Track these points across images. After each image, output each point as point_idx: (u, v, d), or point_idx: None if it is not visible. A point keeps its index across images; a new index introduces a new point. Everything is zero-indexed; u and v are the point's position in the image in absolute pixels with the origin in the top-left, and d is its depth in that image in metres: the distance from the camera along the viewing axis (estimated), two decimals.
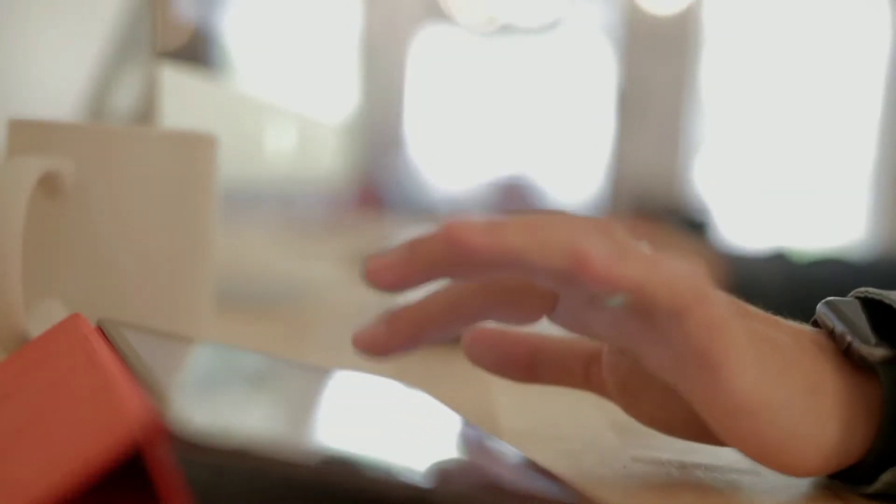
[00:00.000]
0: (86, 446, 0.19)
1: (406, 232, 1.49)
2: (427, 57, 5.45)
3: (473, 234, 0.27)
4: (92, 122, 0.59)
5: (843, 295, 0.34)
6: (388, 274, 0.31)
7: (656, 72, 4.89)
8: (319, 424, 0.26)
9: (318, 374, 0.34)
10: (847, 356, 0.32)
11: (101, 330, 0.32)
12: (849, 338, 0.31)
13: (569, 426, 0.40)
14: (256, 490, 0.20)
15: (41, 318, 0.36)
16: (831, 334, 0.32)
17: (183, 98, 0.52)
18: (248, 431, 0.21)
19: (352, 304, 0.70)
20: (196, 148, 0.40)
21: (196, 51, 0.55)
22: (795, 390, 0.30)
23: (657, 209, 3.60)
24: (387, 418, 0.30)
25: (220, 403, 0.25)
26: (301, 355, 0.51)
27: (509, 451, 0.30)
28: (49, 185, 0.37)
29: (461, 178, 5.43)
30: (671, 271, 0.28)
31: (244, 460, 0.20)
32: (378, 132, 5.24)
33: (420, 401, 0.35)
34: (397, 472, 0.22)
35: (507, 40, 5.41)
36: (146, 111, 0.63)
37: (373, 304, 0.69)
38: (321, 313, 0.64)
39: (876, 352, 0.31)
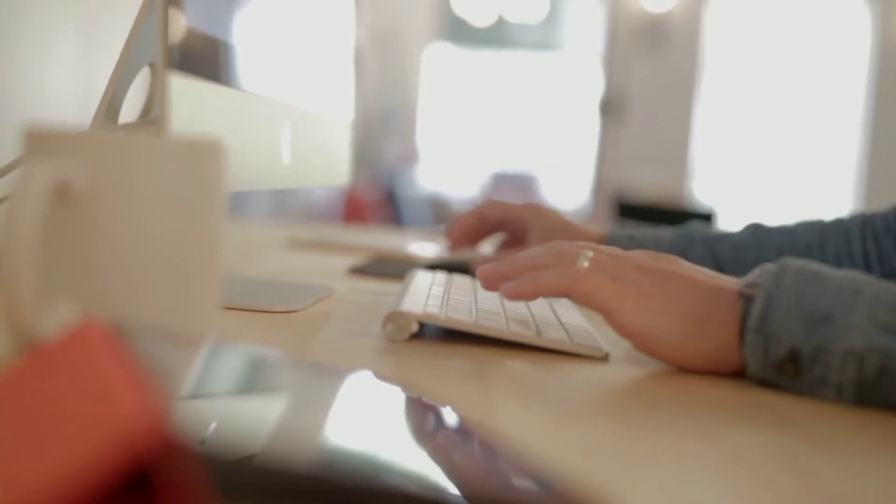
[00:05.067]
0: (86, 452, 0.20)
1: (411, 237, 1.49)
2: (436, 63, 5.44)
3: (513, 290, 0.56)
4: (104, 129, 0.60)
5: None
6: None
7: (653, 69, 4.88)
8: (321, 428, 0.26)
9: (322, 375, 0.35)
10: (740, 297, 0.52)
11: (113, 331, 0.33)
12: (742, 282, 0.53)
13: (568, 423, 0.41)
14: (258, 495, 0.21)
15: (55, 319, 0.37)
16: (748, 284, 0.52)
17: (192, 104, 0.53)
18: (249, 437, 0.22)
19: (354, 305, 0.70)
20: (204, 154, 0.41)
21: (205, 57, 0.56)
22: (672, 321, 0.53)
23: (660, 205, 3.59)
24: (386, 420, 0.31)
25: (224, 407, 0.25)
26: (303, 356, 0.52)
27: (507, 450, 0.30)
28: (63, 190, 0.38)
29: (465, 177, 5.43)
30: (563, 272, 0.55)
31: (245, 467, 0.20)
32: (387, 136, 5.23)
33: (420, 402, 0.36)
34: (397, 478, 0.22)
35: (508, 47, 5.41)
36: (156, 118, 0.64)
37: (373, 307, 0.70)
38: (324, 314, 0.65)
39: (742, 289, 0.52)
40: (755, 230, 0.82)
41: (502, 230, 0.89)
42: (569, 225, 0.85)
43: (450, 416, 0.34)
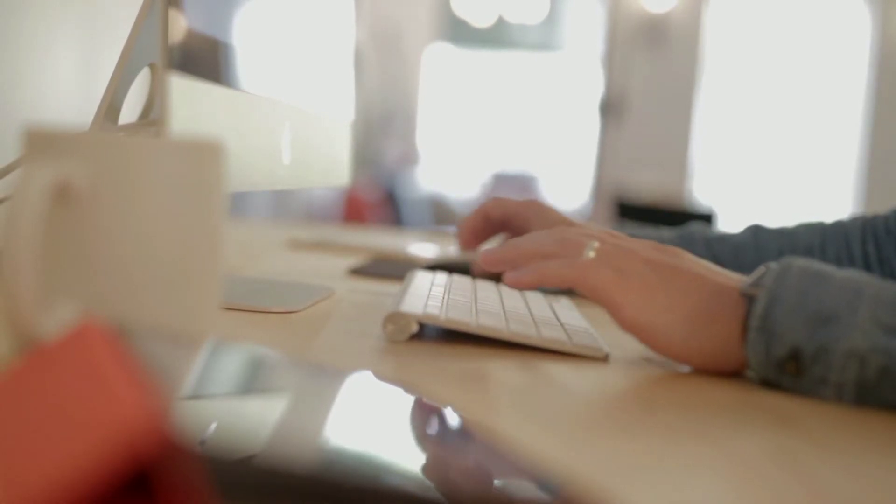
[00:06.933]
0: (86, 452, 0.20)
1: (411, 238, 1.49)
2: (436, 63, 5.44)
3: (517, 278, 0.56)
4: (104, 130, 0.60)
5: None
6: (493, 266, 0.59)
7: (653, 69, 4.88)
8: (321, 428, 0.26)
9: (322, 375, 0.35)
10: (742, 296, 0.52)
11: (113, 331, 0.33)
12: (745, 281, 0.53)
13: (567, 424, 0.41)
14: (258, 495, 0.21)
15: (55, 319, 0.37)
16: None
17: (192, 105, 0.53)
18: (249, 437, 0.22)
19: (354, 306, 0.70)
20: (204, 154, 0.41)
21: (205, 57, 0.56)
22: (676, 318, 0.53)
23: (660, 205, 3.59)
24: (386, 421, 0.31)
25: (224, 407, 0.25)
26: (303, 356, 0.52)
27: (506, 450, 0.30)
28: (63, 191, 0.38)
29: (465, 177, 5.44)
30: (569, 264, 0.55)
31: (245, 467, 0.20)
32: (387, 136, 5.23)
33: (420, 403, 0.36)
34: (397, 478, 0.22)
35: (508, 48, 5.41)
36: (156, 118, 0.64)
37: (373, 307, 0.70)
38: (324, 315, 0.65)
39: (745, 289, 0.52)
40: (755, 231, 0.82)
41: (506, 227, 0.89)
42: (571, 224, 0.85)
43: (450, 417, 0.34)
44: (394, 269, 0.94)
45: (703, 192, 4.88)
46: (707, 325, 0.52)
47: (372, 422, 0.29)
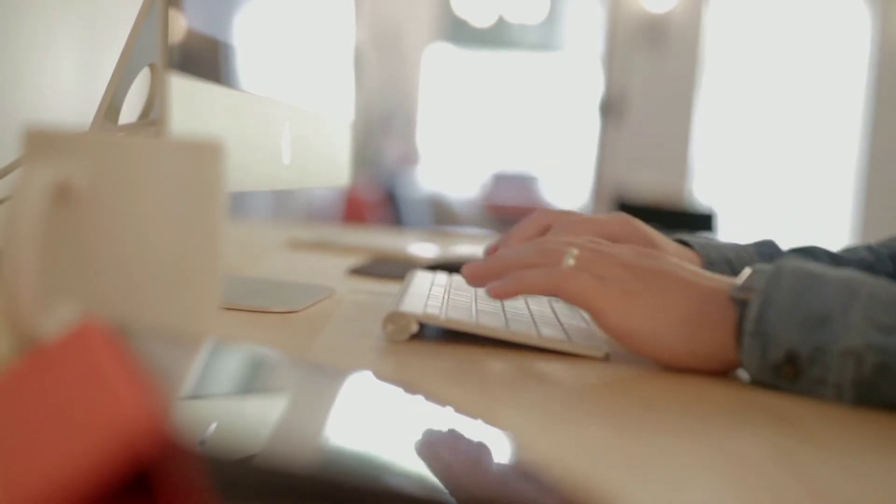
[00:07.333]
0: (86, 452, 0.20)
1: (411, 238, 1.49)
2: (436, 63, 5.44)
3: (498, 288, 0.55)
4: (104, 130, 0.60)
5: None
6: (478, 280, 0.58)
7: (653, 69, 4.88)
8: (321, 428, 0.26)
9: (322, 375, 0.35)
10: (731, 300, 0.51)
11: (113, 331, 0.33)
12: (734, 285, 0.52)
13: (567, 423, 0.41)
14: (258, 495, 0.21)
15: (55, 319, 0.37)
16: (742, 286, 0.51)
17: (192, 105, 0.53)
18: (249, 437, 0.22)
19: (354, 306, 0.70)
20: (204, 154, 0.41)
21: (205, 57, 0.56)
22: (662, 324, 0.52)
23: (660, 205, 3.59)
24: (386, 421, 0.31)
25: (224, 407, 0.25)
26: (303, 356, 0.52)
27: (505, 450, 0.30)
28: (63, 191, 0.38)
29: (465, 177, 5.44)
30: (549, 272, 0.54)
31: (245, 467, 0.20)
32: (387, 136, 5.23)
33: (420, 403, 0.36)
34: (397, 479, 0.22)
35: (508, 48, 5.41)
36: (156, 118, 0.64)
37: (373, 307, 0.70)
38: (324, 315, 0.65)
39: (735, 293, 0.51)
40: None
41: None
42: (663, 245, 0.69)
43: (450, 417, 0.34)
44: (394, 269, 0.94)
45: (703, 192, 4.88)
46: (696, 330, 0.52)
47: (372, 422, 0.29)
